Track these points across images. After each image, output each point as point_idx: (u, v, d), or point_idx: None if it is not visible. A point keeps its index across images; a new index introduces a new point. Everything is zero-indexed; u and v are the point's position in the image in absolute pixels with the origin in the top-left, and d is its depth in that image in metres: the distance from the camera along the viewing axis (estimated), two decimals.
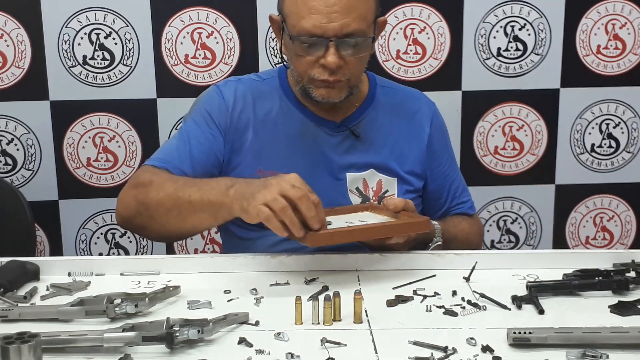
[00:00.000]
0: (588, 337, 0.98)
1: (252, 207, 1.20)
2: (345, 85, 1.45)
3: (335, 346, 1.00)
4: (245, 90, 1.54)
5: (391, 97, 1.60)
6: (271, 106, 1.53)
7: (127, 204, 1.42)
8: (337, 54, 1.38)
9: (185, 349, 1.00)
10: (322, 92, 1.44)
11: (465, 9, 2.36)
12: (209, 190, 1.30)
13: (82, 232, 2.42)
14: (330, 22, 1.36)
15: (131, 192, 1.42)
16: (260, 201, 1.19)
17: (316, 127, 1.52)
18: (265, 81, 1.57)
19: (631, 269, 1.24)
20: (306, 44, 1.39)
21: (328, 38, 1.37)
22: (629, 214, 2.56)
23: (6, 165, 2.36)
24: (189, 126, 1.52)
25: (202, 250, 2.45)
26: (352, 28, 1.37)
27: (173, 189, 1.34)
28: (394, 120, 1.57)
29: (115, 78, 2.32)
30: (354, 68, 1.43)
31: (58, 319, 1.09)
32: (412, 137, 1.58)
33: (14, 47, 2.27)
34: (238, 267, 1.32)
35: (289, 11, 1.41)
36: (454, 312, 1.12)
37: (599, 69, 2.44)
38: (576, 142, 2.49)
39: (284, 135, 1.51)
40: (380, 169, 1.53)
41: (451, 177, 1.64)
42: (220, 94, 1.53)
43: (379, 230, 1.29)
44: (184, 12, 2.31)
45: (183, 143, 1.49)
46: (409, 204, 1.37)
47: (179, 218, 1.34)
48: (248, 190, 1.24)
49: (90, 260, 1.36)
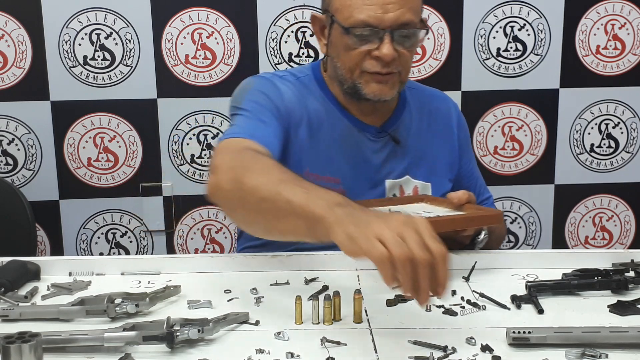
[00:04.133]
0: (587, 337, 0.98)
1: (363, 237, 0.93)
2: (397, 81, 1.41)
3: (335, 346, 1.00)
4: (293, 87, 1.48)
5: (419, 98, 1.57)
6: (315, 107, 1.47)
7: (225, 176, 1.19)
8: (392, 45, 1.34)
9: (185, 349, 1.00)
10: (374, 89, 1.40)
11: (465, 9, 2.36)
12: (315, 198, 1.04)
13: (83, 232, 2.42)
14: (386, 12, 1.33)
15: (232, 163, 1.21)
16: (375, 233, 0.93)
17: (359, 132, 1.48)
18: (300, 80, 1.50)
19: (630, 269, 1.24)
20: (360, 35, 1.35)
21: (383, 29, 1.34)
22: (628, 213, 2.56)
23: (7, 165, 2.36)
24: (252, 107, 1.41)
25: (202, 250, 2.45)
26: (407, 18, 1.35)
27: (278, 179, 1.13)
28: (425, 123, 1.55)
29: (115, 78, 2.33)
30: (405, 62, 1.40)
31: (59, 318, 1.09)
32: (444, 140, 1.57)
33: (14, 48, 2.28)
34: (238, 267, 1.32)
35: (341, 5, 1.37)
36: (453, 312, 1.12)
37: (599, 69, 2.44)
38: (575, 142, 2.49)
39: (329, 138, 1.47)
40: (415, 174, 1.52)
41: (475, 175, 1.65)
42: (274, 85, 1.46)
43: (461, 221, 1.30)
44: (184, 13, 2.31)
45: (258, 120, 1.38)
46: (472, 196, 1.37)
47: (271, 214, 1.11)
48: (361, 216, 0.98)
49: (91, 260, 1.36)
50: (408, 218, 0.96)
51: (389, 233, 0.92)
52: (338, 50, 1.41)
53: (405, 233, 0.92)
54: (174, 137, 2.38)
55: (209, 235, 2.46)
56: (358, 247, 0.94)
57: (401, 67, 1.40)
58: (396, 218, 0.95)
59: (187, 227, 2.46)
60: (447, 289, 0.93)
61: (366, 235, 0.93)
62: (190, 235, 2.46)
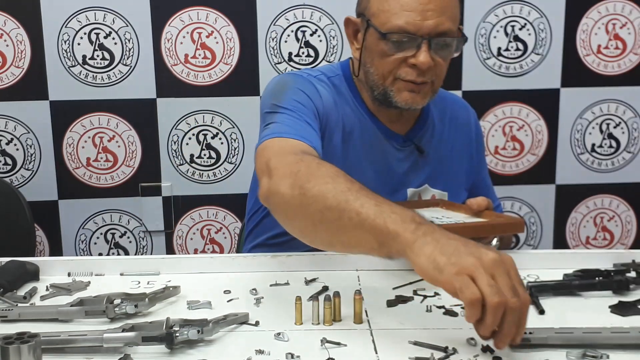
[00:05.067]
0: (588, 338, 0.98)
1: (453, 271, 0.89)
2: (430, 90, 1.38)
3: (335, 346, 1.00)
4: (329, 88, 1.44)
5: (441, 105, 1.55)
6: (349, 111, 1.44)
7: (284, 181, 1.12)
8: (429, 54, 1.31)
9: (185, 349, 1.00)
10: (406, 97, 1.37)
11: (466, 9, 2.36)
12: (389, 213, 0.99)
13: (82, 232, 2.42)
14: (425, 19, 1.30)
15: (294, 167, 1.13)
16: (466, 270, 0.89)
17: (386, 140, 1.46)
18: (331, 79, 1.47)
19: (631, 269, 1.24)
20: (396, 42, 1.32)
21: (421, 36, 1.31)
22: (629, 214, 2.56)
23: (6, 165, 2.36)
24: (294, 106, 1.36)
25: (202, 251, 2.45)
26: (446, 27, 1.31)
27: (345, 187, 1.06)
28: (446, 131, 1.54)
29: (115, 78, 2.32)
30: (440, 71, 1.37)
31: (58, 319, 1.09)
32: (463, 148, 1.57)
33: (13, 47, 2.27)
34: (238, 267, 1.32)
35: (378, 9, 1.34)
36: (454, 312, 1.12)
37: (600, 69, 2.44)
38: (576, 142, 2.49)
39: (359, 145, 1.44)
40: (434, 184, 1.51)
41: (487, 183, 1.65)
42: (312, 85, 1.42)
43: (484, 229, 1.30)
44: (183, 12, 2.30)
45: (302, 121, 1.32)
46: (490, 203, 1.37)
47: (335, 225, 1.04)
48: (448, 244, 0.93)
49: (90, 260, 1.36)
50: (499, 256, 0.91)
51: (482, 274, 0.88)
52: (372, 55, 1.38)
53: (497, 274, 0.89)
54: (173, 137, 2.38)
55: (208, 236, 2.46)
56: (446, 280, 0.90)
57: (435, 76, 1.37)
58: (487, 254, 0.91)
59: (186, 228, 2.46)
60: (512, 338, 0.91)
61: (458, 270, 0.89)
62: (189, 236, 2.46)
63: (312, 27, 2.35)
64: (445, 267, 0.90)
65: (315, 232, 1.10)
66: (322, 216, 1.05)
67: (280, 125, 1.30)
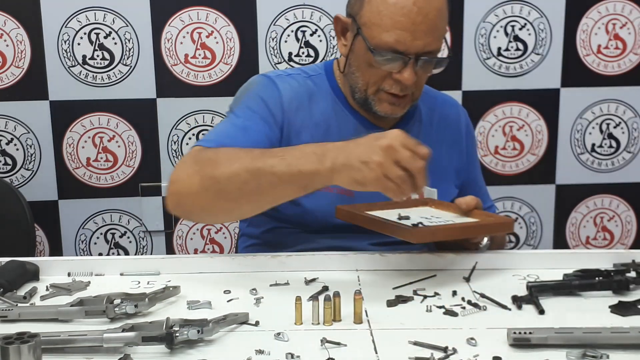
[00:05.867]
0: (588, 338, 0.98)
1: (372, 179, 1.12)
2: (409, 101, 1.42)
3: (335, 346, 1.00)
4: (300, 88, 1.46)
5: (430, 104, 1.57)
6: (324, 107, 1.46)
7: (189, 181, 1.25)
8: (413, 72, 1.34)
9: (185, 349, 1.00)
10: (386, 108, 1.40)
11: (466, 9, 2.36)
12: (296, 160, 1.18)
13: (82, 232, 2.42)
14: (415, 40, 1.32)
15: (191, 169, 1.26)
16: (380, 173, 1.11)
17: (368, 133, 1.48)
18: (312, 78, 1.49)
19: (631, 269, 1.24)
20: (384, 57, 1.34)
21: (409, 55, 1.33)
22: (629, 214, 2.56)
23: (6, 165, 2.36)
24: (243, 111, 1.42)
25: (202, 251, 2.45)
26: (433, 47, 1.35)
27: (250, 159, 1.21)
28: (434, 128, 1.55)
29: (115, 78, 2.32)
30: (421, 83, 1.41)
31: (58, 319, 1.09)
32: (452, 146, 1.57)
33: (13, 47, 2.27)
34: (238, 267, 1.32)
35: (370, 21, 1.35)
36: (454, 312, 1.12)
37: (600, 69, 2.44)
38: (576, 142, 2.49)
39: (337, 140, 1.44)
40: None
41: (479, 183, 1.65)
42: (276, 86, 1.44)
43: (473, 229, 1.31)
44: (183, 12, 2.30)
45: (241, 127, 1.38)
46: (480, 202, 1.37)
47: (257, 191, 1.21)
48: (352, 158, 1.14)
49: (90, 260, 1.36)
50: (386, 139, 1.14)
51: (390, 168, 1.11)
52: (359, 62, 1.40)
53: (398, 156, 1.12)
54: (173, 137, 2.38)
55: (208, 236, 2.46)
56: (370, 188, 1.13)
57: (416, 88, 1.40)
58: (379, 145, 1.13)
59: (186, 227, 2.46)
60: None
61: (374, 178, 1.12)
62: (189, 236, 2.46)
63: (312, 27, 2.35)
64: (365, 181, 1.13)
65: (240, 207, 1.26)
66: (242, 191, 1.21)
67: (212, 133, 1.40)
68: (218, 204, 1.26)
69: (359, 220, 1.29)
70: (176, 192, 1.28)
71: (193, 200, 1.27)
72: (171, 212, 1.33)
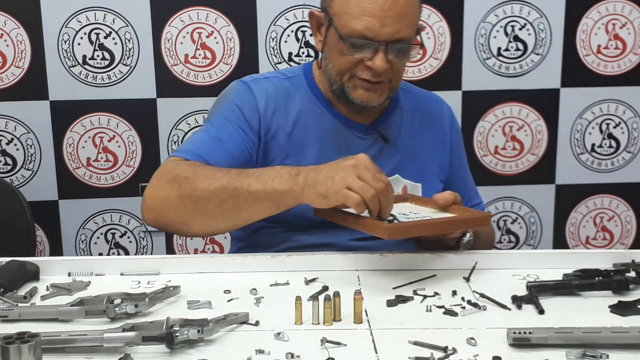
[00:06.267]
0: (588, 337, 0.98)
1: (334, 192, 1.19)
2: (387, 89, 1.43)
3: (335, 346, 1.00)
4: (275, 90, 1.49)
5: (413, 100, 1.58)
6: (301, 107, 1.48)
7: (165, 197, 1.31)
8: (385, 58, 1.36)
9: (185, 349, 1.00)
10: (361, 94, 1.42)
11: (465, 9, 2.36)
12: (271, 179, 1.26)
13: (82, 232, 2.42)
14: (384, 26, 1.34)
15: (169, 186, 1.31)
16: (342, 185, 1.18)
17: (346, 129, 1.49)
18: (290, 79, 1.52)
19: (631, 269, 1.24)
20: (355, 45, 1.36)
21: (379, 42, 1.35)
22: (629, 214, 2.56)
23: (6, 165, 2.36)
24: (219, 120, 1.45)
25: (202, 250, 2.45)
26: (403, 34, 1.36)
27: (228, 179, 1.28)
28: (417, 124, 1.56)
29: (115, 78, 2.32)
30: (397, 71, 1.42)
31: (58, 319, 1.09)
32: (436, 141, 1.57)
33: (13, 47, 2.28)
34: (238, 267, 1.32)
35: (340, 10, 1.38)
36: (454, 312, 1.12)
37: (599, 69, 2.44)
38: (576, 142, 2.49)
39: (315, 137, 1.48)
40: (405, 174, 1.52)
41: (466, 179, 1.65)
42: (251, 92, 1.47)
43: (448, 225, 1.30)
44: (183, 12, 2.31)
45: (215, 137, 1.41)
46: (458, 197, 1.37)
47: (235, 209, 1.28)
48: (319, 175, 1.23)
49: (90, 260, 1.36)
50: (354, 160, 1.21)
51: (352, 180, 1.18)
52: (332, 52, 1.42)
53: (361, 174, 1.19)
54: (173, 137, 2.38)
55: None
56: (333, 201, 1.20)
57: (392, 76, 1.41)
58: (346, 164, 1.21)
59: None
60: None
61: (336, 190, 1.19)
62: None
63: None
64: (328, 193, 1.20)
65: (217, 223, 1.32)
66: (221, 208, 1.28)
67: (189, 144, 1.42)
68: (195, 220, 1.31)
69: (335, 217, 1.29)
70: (154, 208, 1.34)
71: (172, 216, 1.32)
72: (147, 224, 1.39)
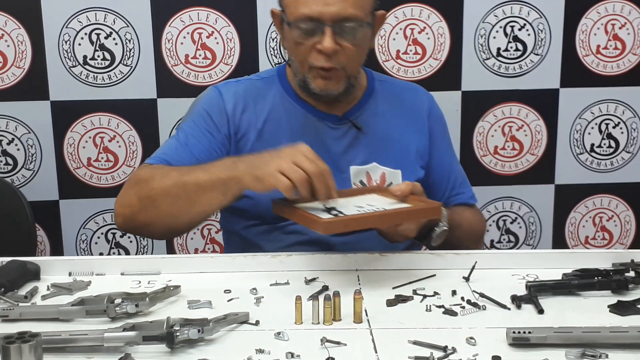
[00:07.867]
0: (587, 337, 0.98)
1: (267, 175, 1.23)
2: (343, 76, 1.45)
3: (335, 346, 1.00)
4: (245, 91, 1.54)
5: (389, 89, 1.62)
6: (272, 104, 1.53)
7: (128, 202, 1.39)
8: (333, 39, 1.39)
9: (185, 349, 1.00)
10: (319, 84, 1.45)
11: (465, 9, 2.36)
12: (216, 170, 1.32)
13: (83, 232, 2.42)
14: (327, 5, 1.38)
15: (131, 190, 1.40)
16: (275, 169, 1.22)
17: (318, 121, 1.52)
18: (264, 79, 1.58)
19: (630, 269, 1.24)
20: (304, 29, 1.40)
21: (324, 23, 1.38)
22: (628, 213, 2.56)
23: (7, 165, 2.36)
24: (188, 126, 1.52)
25: (202, 250, 2.45)
26: (349, 13, 1.39)
27: (178, 175, 1.35)
28: (394, 111, 1.58)
29: (115, 78, 2.32)
30: (350, 56, 1.43)
31: (59, 318, 1.09)
32: (414, 128, 1.59)
33: (14, 47, 2.28)
34: (238, 267, 1.32)
35: (289, 0, 1.43)
36: (453, 312, 1.13)
37: (599, 69, 2.44)
38: (576, 142, 2.49)
39: (287, 132, 1.51)
40: (383, 161, 1.53)
41: (449, 169, 1.65)
42: (220, 95, 1.53)
43: (391, 217, 1.27)
44: (184, 12, 2.31)
45: (182, 143, 1.48)
46: (417, 186, 1.36)
47: (188, 203, 1.33)
48: (258, 160, 1.28)
49: (91, 260, 1.36)
50: (294, 148, 1.25)
51: (285, 164, 1.21)
52: (290, 44, 1.46)
53: (296, 159, 1.22)
54: None
55: (208, 235, 2.46)
56: (267, 184, 1.23)
57: (345, 62, 1.43)
58: (285, 151, 1.25)
59: None
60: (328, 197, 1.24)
61: (269, 173, 1.22)
62: (190, 235, 2.46)
63: None
64: (263, 176, 1.24)
65: (176, 220, 1.37)
66: (176, 205, 1.34)
67: (160, 150, 1.49)
68: (158, 220, 1.37)
69: (286, 212, 1.29)
70: (121, 214, 1.41)
71: (137, 218, 1.38)
72: (120, 230, 1.46)
